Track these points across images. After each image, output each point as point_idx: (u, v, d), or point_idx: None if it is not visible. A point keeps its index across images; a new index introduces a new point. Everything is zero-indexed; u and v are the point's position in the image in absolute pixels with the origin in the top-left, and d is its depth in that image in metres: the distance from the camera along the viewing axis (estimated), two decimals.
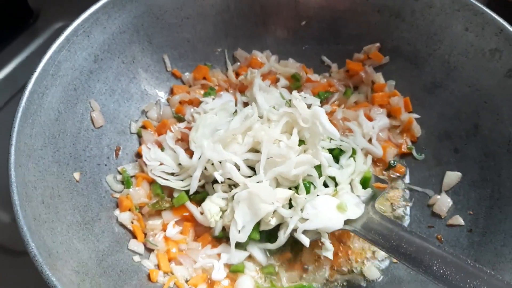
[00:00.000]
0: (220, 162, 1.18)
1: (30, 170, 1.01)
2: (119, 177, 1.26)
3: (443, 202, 1.24)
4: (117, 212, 1.19)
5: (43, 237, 0.92)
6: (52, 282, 0.84)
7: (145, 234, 1.19)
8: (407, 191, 1.33)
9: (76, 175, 1.14)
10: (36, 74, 1.10)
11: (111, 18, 1.28)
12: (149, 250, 1.17)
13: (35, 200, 0.98)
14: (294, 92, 1.24)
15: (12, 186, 0.94)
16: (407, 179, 1.35)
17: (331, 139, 1.27)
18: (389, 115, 1.42)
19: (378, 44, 1.44)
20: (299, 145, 1.20)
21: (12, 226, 1.32)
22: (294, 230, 1.12)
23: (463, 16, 1.27)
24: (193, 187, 1.20)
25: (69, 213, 1.06)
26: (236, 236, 1.13)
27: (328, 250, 1.12)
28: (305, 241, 1.11)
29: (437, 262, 0.95)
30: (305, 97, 1.27)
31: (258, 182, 1.15)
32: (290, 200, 1.17)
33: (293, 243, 1.19)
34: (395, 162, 1.35)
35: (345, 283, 1.18)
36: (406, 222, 1.28)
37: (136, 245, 1.15)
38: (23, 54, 1.80)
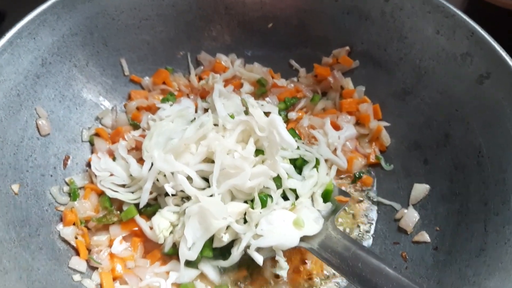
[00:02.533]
0: (173, 174, 1.11)
1: None
2: (66, 188, 1.19)
3: (410, 217, 1.17)
4: (60, 226, 1.12)
5: None
6: None
7: (90, 251, 1.11)
8: (374, 204, 1.25)
9: (15, 187, 1.06)
10: None
11: (61, 19, 1.21)
12: (93, 268, 1.10)
13: None
14: (251, 99, 1.17)
15: None
16: (374, 191, 1.27)
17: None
18: (358, 123, 1.35)
19: (347, 48, 1.38)
20: (257, 155, 1.13)
21: None
22: (248, 247, 1.05)
23: (434, 19, 1.21)
24: (143, 200, 1.13)
25: (1, 228, 0.98)
26: (185, 253, 1.06)
27: (283, 269, 1.05)
28: (259, 259, 1.03)
29: (392, 286, 0.88)
30: (262, 105, 1.19)
31: (211, 195, 1.08)
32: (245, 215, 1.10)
33: (249, 260, 1.11)
34: (361, 174, 1.28)
35: None
36: (371, 238, 1.20)
37: (77, 263, 1.07)
38: None
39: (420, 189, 1.19)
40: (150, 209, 1.15)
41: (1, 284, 0.89)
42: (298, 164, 1.21)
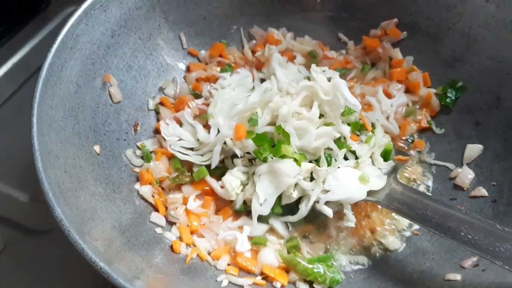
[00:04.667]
0: None
1: (52, 139, 1.01)
2: (138, 152, 1.25)
3: (465, 175, 1.22)
4: (137, 185, 1.18)
5: (68, 203, 0.92)
6: (80, 245, 0.83)
7: (166, 208, 1.18)
8: (428, 166, 1.31)
9: (97, 148, 1.13)
10: (55, 46, 1.09)
11: None
12: (171, 223, 1.17)
13: (59, 169, 0.97)
14: (313, 66, 1.23)
15: (36, 153, 0.93)
16: (427, 154, 1.33)
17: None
18: (408, 91, 1.41)
19: (395, 20, 1.43)
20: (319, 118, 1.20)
21: (30, 206, 1.34)
22: (316, 202, 1.11)
23: None
24: (215, 161, 1.19)
25: (91, 183, 1.05)
26: (258, 209, 1.12)
27: (350, 221, 1.11)
28: (328, 212, 1.10)
29: (465, 228, 0.94)
30: (324, 71, 1.25)
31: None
32: (311, 174, 1.16)
33: (315, 215, 1.17)
34: (413, 138, 1.34)
35: (367, 254, 1.17)
36: None
37: (157, 218, 1.14)
38: (36, 39, 1.80)
39: (473, 149, 1.25)
40: (217, 171, 1.22)
41: (101, 230, 0.96)
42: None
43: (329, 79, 1.21)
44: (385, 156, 1.21)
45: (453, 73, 1.35)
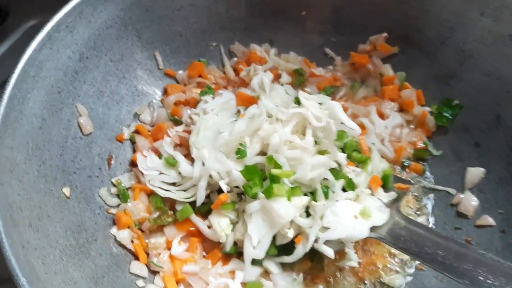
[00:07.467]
0: None
1: (14, 188, 0.87)
2: (113, 189, 1.13)
3: (468, 201, 1.15)
4: (114, 230, 1.06)
5: (35, 268, 0.79)
6: None
7: (148, 254, 1.06)
8: (428, 191, 1.23)
9: (66, 191, 1.00)
10: (15, 76, 0.96)
11: (96, 11, 1.14)
12: (154, 273, 1.04)
13: (22, 224, 0.84)
14: (301, 92, 1.13)
15: None
16: (426, 178, 1.26)
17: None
18: (400, 109, 1.32)
19: (385, 34, 1.34)
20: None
21: None
22: (315, 241, 1.01)
23: (478, 0, 1.18)
24: (200, 198, 1.08)
25: (61, 235, 0.92)
26: (251, 252, 1.02)
27: (353, 260, 1.02)
28: (329, 252, 1.00)
29: (483, 272, 0.86)
30: (310, 93, 1.15)
31: None
32: (307, 207, 1.06)
33: (311, 252, 1.06)
34: (409, 162, 1.26)
35: None
36: (431, 225, 1.18)
37: (138, 268, 1.02)
38: None
39: (474, 173, 1.18)
40: (203, 208, 1.10)
41: None
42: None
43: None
44: (385, 181, 1.12)
45: (448, 90, 1.28)
